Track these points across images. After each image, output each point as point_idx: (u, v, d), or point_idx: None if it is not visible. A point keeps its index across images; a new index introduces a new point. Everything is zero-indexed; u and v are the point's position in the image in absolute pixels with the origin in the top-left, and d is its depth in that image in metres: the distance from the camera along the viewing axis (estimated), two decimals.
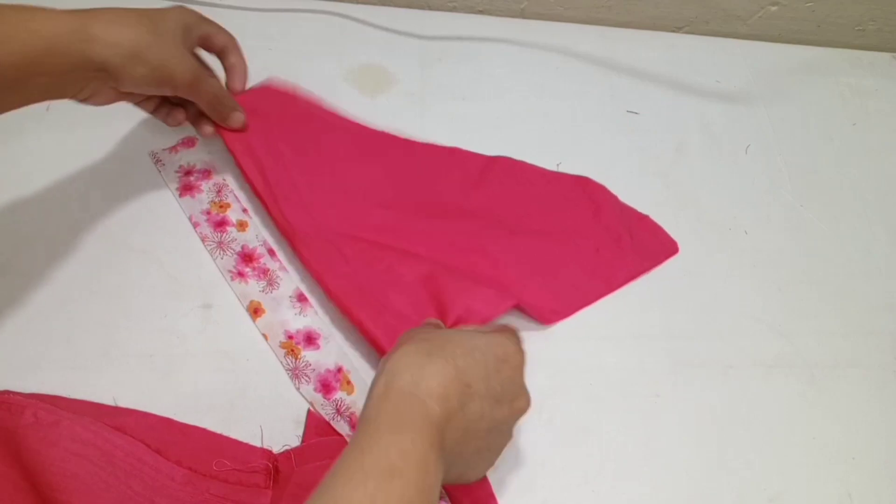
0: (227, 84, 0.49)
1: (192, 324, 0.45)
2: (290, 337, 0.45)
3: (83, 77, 0.38)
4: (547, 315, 0.48)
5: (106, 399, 0.41)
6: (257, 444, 0.41)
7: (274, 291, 0.46)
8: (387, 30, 0.60)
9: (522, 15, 0.65)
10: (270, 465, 0.40)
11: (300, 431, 0.42)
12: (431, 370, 0.32)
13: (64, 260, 0.45)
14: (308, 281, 0.47)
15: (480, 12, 0.65)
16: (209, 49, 0.47)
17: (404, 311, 0.44)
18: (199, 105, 0.45)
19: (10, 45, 0.34)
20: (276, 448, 0.41)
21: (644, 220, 0.54)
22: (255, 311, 0.45)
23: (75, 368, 0.42)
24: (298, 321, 0.46)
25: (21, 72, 0.35)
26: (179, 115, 0.47)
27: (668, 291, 0.52)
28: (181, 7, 0.43)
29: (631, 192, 0.55)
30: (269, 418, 0.42)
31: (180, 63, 0.41)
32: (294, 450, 0.41)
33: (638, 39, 0.65)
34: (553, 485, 0.43)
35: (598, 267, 0.51)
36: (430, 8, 0.64)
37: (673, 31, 0.68)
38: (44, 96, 0.38)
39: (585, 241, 0.52)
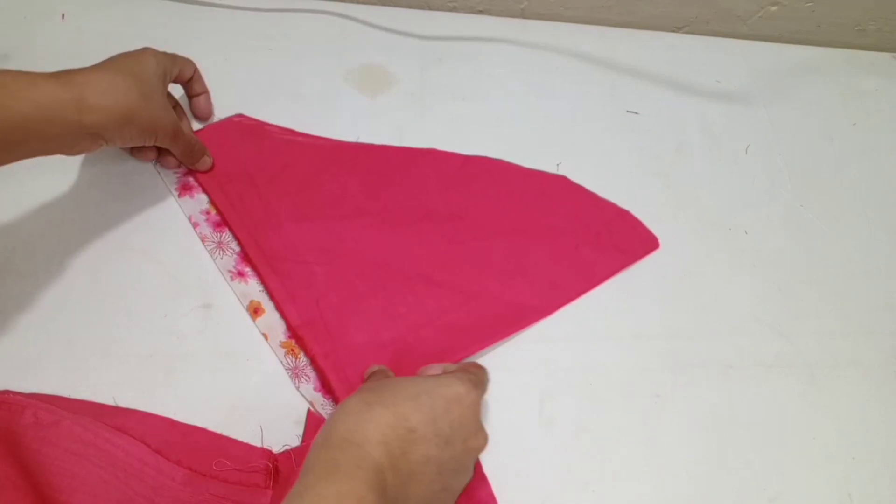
0: (193, 111, 0.52)
1: (192, 324, 0.45)
2: (291, 337, 0.45)
3: (78, 140, 0.40)
4: (529, 314, 0.48)
5: (106, 399, 0.41)
6: (257, 444, 0.41)
7: None
8: (387, 30, 0.60)
9: (522, 15, 0.65)
10: (271, 466, 0.40)
11: (300, 431, 0.42)
12: (370, 417, 0.33)
13: (64, 260, 0.45)
14: None
15: (480, 12, 0.65)
16: (178, 81, 0.49)
17: (360, 344, 0.45)
18: (173, 151, 0.46)
19: (8, 112, 0.36)
20: (276, 448, 0.41)
21: (623, 215, 0.54)
22: (255, 310, 0.45)
23: (75, 368, 0.42)
24: None
25: (17, 136, 0.36)
26: (151, 153, 0.48)
27: (668, 291, 0.52)
28: (153, 53, 0.44)
29: (631, 192, 0.55)
30: (269, 418, 0.42)
31: (165, 119, 0.44)
32: (294, 450, 0.41)
33: (638, 39, 0.65)
34: (553, 485, 0.43)
35: (578, 263, 0.51)
36: (430, 8, 0.64)
37: (673, 31, 0.68)
38: (34, 155, 0.39)
39: (564, 239, 0.52)
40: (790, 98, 0.64)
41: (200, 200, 0.49)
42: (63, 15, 0.56)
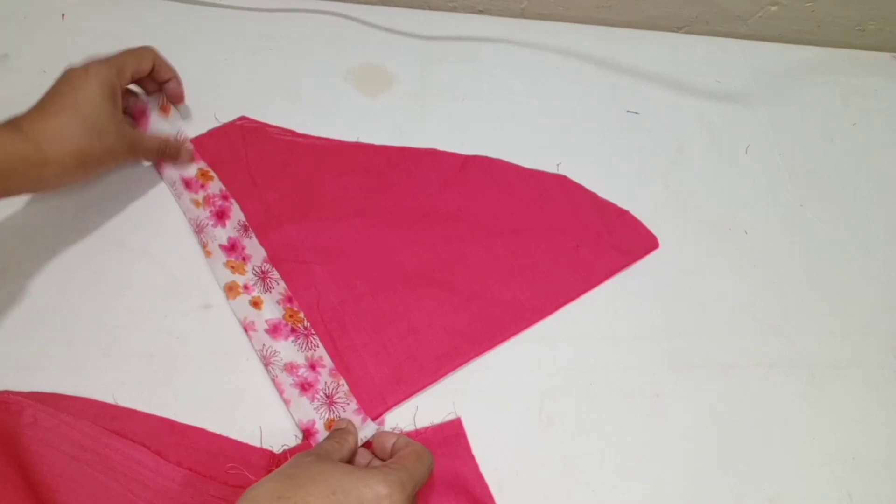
0: (169, 98, 0.50)
1: (192, 324, 0.45)
2: None
3: (38, 188, 0.41)
4: (529, 314, 0.48)
5: (106, 399, 0.41)
6: (257, 444, 0.41)
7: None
8: (387, 30, 0.60)
9: (522, 15, 0.65)
10: (273, 467, 0.40)
11: (300, 431, 0.42)
12: None
13: (64, 260, 0.45)
14: None
15: (480, 12, 0.65)
16: (137, 81, 0.48)
17: (360, 346, 0.45)
18: (148, 160, 0.48)
19: None
20: (276, 448, 0.41)
21: (623, 215, 0.54)
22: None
23: (75, 368, 0.42)
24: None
25: None
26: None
27: (668, 291, 0.52)
28: (96, 71, 0.42)
29: (631, 192, 0.55)
30: (269, 418, 0.42)
31: (120, 148, 0.43)
32: (294, 450, 0.41)
33: (638, 39, 0.65)
34: (553, 485, 0.43)
35: (577, 263, 0.51)
36: (430, 8, 0.64)
37: (673, 31, 0.68)
38: None
39: (564, 238, 0.52)
40: (790, 98, 0.64)
41: None
42: (63, 15, 0.56)
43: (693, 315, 0.51)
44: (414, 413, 0.43)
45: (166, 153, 0.48)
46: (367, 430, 0.41)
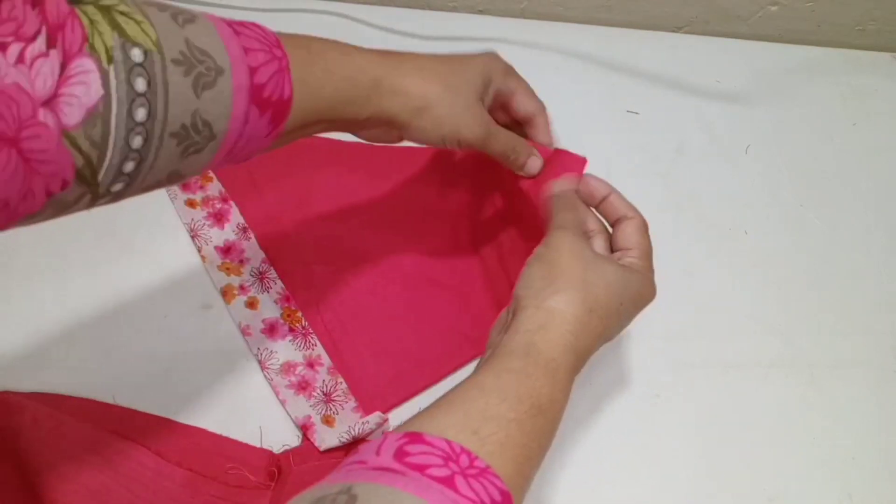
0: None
1: (192, 324, 0.45)
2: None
3: (370, 125, 0.37)
4: None
5: (106, 399, 0.41)
6: (257, 444, 0.41)
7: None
8: (387, 30, 0.60)
9: (522, 15, 0.65)
10: (273, 467, 0.40)
11: (300, 431, 0.42)
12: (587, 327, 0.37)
13: (64, 260, 0.45)
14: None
15: (480, 12, 0.64)
16: (510, 115, 0.44)
17: (360, 346, 0.45)
18: (490, 155, 0.42)
19: (323, 91, 0.33)
20: (276, 448, 0.41)
21: None
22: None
23: (75, 368, 0.42)
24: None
25: (319, 117, 0.34)
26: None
27: (668, 291, 0.51)
28: (489, 56, 0.41)
29: (631, 192, 0.55)
30: (269, 418, 0.42)
31: (468, 123, 0.39)
32: (294, 450, 0.41)
33: (638, 39, 0.65)
34: (553, 485, 0.43)
35: None
36: (430, 8, 0.64)
37: (673, 31, 0.68)
38: (321, 132, 0.37)
39: None
40: (790, 98, 0.64)
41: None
42: None
43: (693, 315, 0.51)
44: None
45: (513, 157, 0.42)
46: (373, 419, 0.41)
